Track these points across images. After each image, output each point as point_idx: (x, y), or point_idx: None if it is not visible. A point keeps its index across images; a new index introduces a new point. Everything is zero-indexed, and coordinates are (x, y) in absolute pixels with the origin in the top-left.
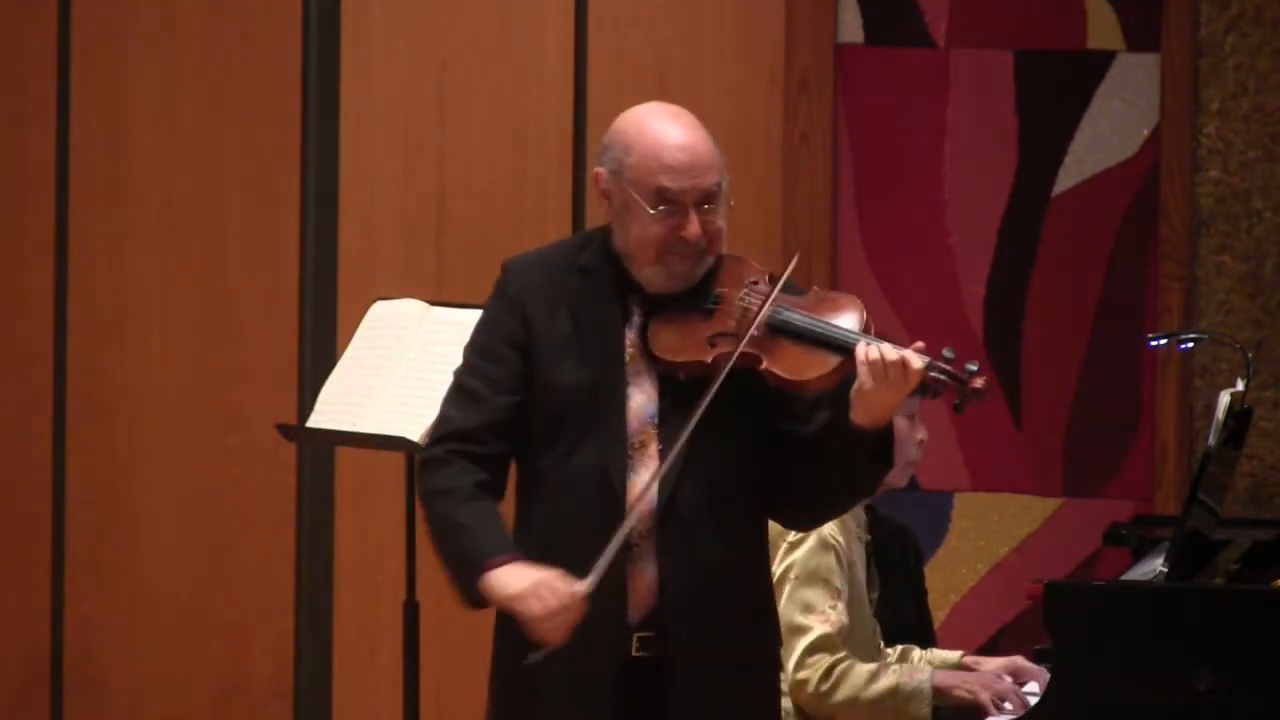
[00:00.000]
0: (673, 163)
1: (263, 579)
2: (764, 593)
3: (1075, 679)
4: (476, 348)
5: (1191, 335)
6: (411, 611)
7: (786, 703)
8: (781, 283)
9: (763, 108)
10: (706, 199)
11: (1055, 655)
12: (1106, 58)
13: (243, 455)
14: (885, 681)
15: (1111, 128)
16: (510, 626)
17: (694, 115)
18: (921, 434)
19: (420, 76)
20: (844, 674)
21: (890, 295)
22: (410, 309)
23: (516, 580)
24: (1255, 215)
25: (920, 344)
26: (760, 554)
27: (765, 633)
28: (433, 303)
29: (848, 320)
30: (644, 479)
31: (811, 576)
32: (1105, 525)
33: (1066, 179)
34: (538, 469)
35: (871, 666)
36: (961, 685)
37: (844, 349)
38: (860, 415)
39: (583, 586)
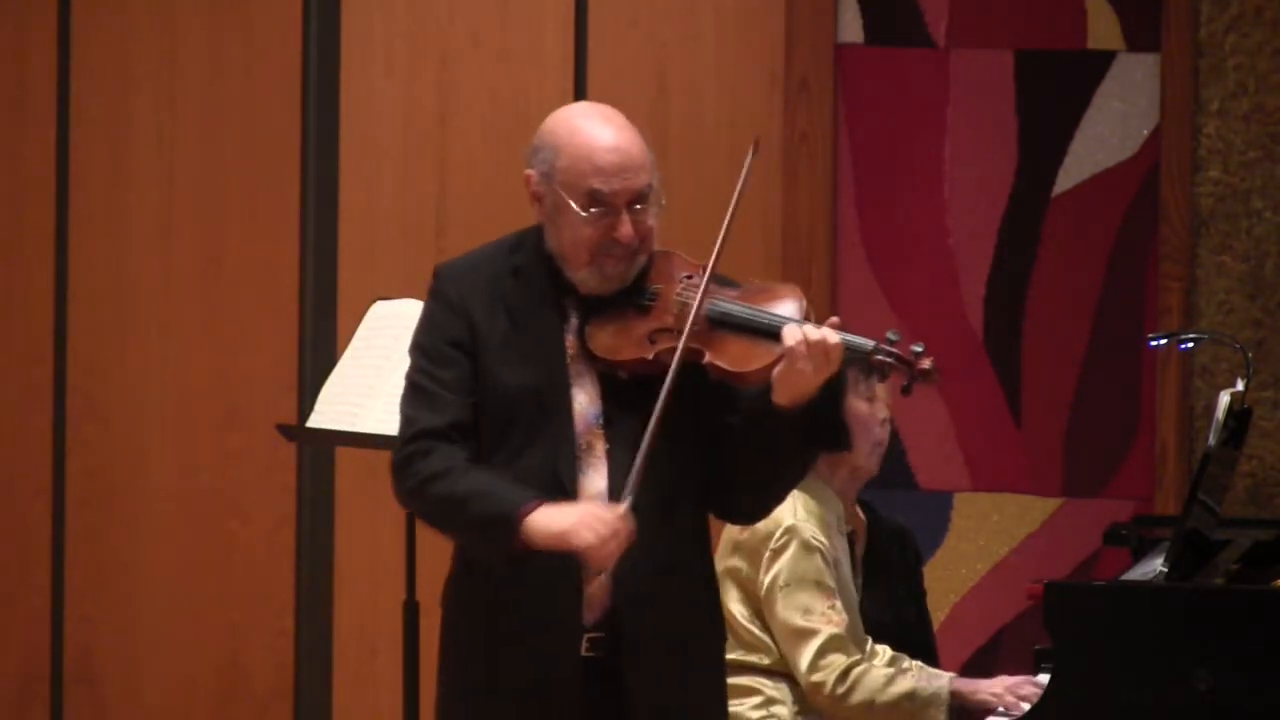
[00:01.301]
0: (604, 164)
1: (263, 579)
2: (711, 589)
3: (1075, 679)
4: (425, 352)
5: (1191, 335)
6: (411, 611)
7: (783, 711)
8: (709, 271)
9: (763, 108)
10: (638, 199)
11: (1055, 655)
12: (1106, 58)
13: (243, 455)
14: (902, 685)
15: (1111, 128)
16: (458, 627)
17: (624, 115)
18: (883, 413)
19: (420, 76)
20: (860, 677)
21: (890, 295)
22: (410, 309)
23: (559, 517)
24: (1255, 215)
25: (835, 319)
26: (706, 550)
27: (713, 628)
28: None
29: (787, 309)
30: (593, 480)
31: (801, 581)
32: (1105, 525)
33: (1066, 179)
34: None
35: (889, 670)
36: (983, 690)
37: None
38: (781, 395)
39: (622, 508)
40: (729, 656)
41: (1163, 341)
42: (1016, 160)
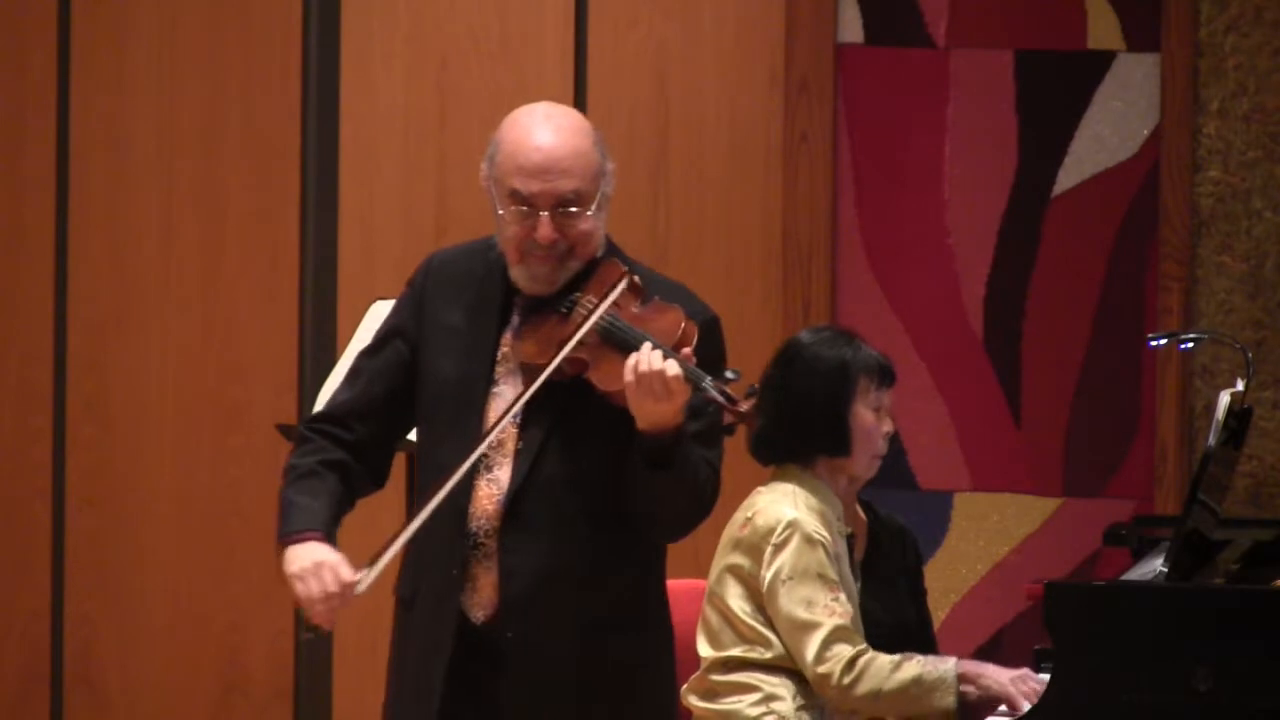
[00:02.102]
0: (526, 164)
1: (263, 579)
2: (635, 598)
3: (1075, 679)
4: (376, 333)
5: (1191, 335)
6: None
7: (783, 707)
8: (614, 296)
9: (763, 108)
10: (562, 203)
11: (1055, 655)
12: (1106, 58)
13: (243, 455)
14: (908, 672)
15: (1111, 128)
16: (397, 620)
17: (578, 118)
18: (888, 426)
19: (420, 76)
20: (866, 666)
21: (890, 295)
22: None
23: (300, 559)
24: (1255, 215)
25: (688, 350)
26: (628, 560)
27: (640, 639)
28: None
29: (660, 331)
30: (498, 476)
31: (804, 574)
32: (1105, 525)
33: (1066, 179)
34: (421, 460)
35: (895, 657)
36: (990, 675)
37: None
38: (638, 420)
39: (357, 578)
40: (731, 653)
41: (1163, 341)
42: (1016, 160)
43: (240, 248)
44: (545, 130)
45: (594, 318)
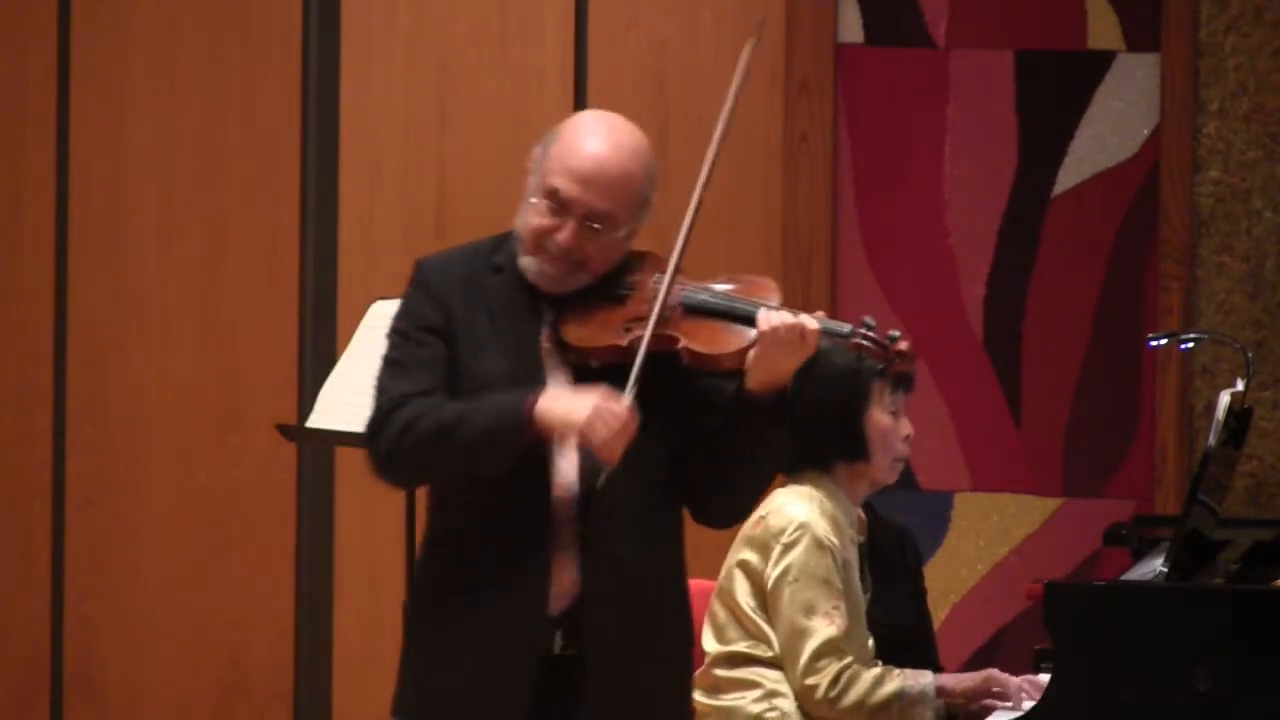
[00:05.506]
0: (574, 168)
1: (263, 579)
2: (682, 589)
3: (1075, 679)
4: (401, 334)
5: (1191, 335)
6: None
7: (786, 704)
8: (679, 251)
9: (763, 108)
10: (594, 218)
11: (1055, 655)
12: (1106, 58)
13: (243, 455)
14: (890, 686)
15: (1111, 128)
16: (423, 621)
17: (641, 142)
18: (907, 429)
19: (420, 76)
20: (851, 680)
21: (890, 295)
22: None
23: (572, 405)
24: (1255, 215)
25: (820, 313)
26: (679, 550)
27: (682, 630)
28: None
29: (762, 297)
30: (564, 469)
31: (810, 577)
32: (1105, 525)
33: (1066, 179)
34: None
35: (877, 671)
36: (965, 681)
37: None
38: (755, 380)
39: (627, 400)
40: (736, 648)
41: (1163, 341)
42: (1016, 160)
43: (240, 248)
44: (603, 142)
45: (667, 284)
